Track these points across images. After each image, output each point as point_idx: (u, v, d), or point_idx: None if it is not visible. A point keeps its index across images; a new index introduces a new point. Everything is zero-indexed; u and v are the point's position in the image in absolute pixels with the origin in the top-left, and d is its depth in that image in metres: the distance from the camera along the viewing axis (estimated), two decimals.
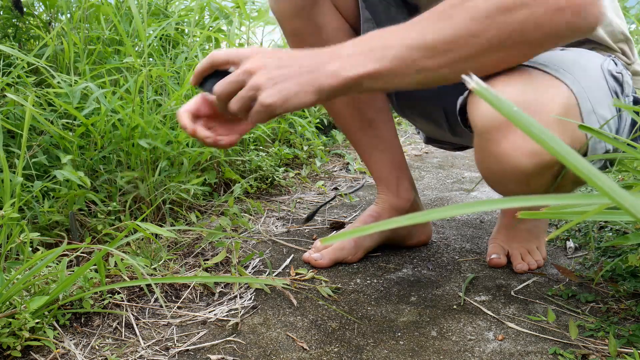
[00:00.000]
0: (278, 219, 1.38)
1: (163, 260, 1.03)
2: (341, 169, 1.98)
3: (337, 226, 1.33)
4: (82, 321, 0.86)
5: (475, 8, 0.67)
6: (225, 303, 0.93)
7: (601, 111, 0.79)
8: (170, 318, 0.88)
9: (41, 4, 1.50)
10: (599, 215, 0.37)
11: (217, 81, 0.74)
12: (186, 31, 1.82)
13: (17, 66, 1.18)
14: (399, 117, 2.76)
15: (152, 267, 1.00)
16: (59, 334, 0.81)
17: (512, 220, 1.12)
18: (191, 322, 0.87)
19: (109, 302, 0.90)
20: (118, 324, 0.86)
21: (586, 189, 1.34)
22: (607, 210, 0.36)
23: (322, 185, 1.71)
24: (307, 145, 1.97)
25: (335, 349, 0.80)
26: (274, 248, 1.19)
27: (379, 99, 1.13)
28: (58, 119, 1.15)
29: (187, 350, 0.80)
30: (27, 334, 0.74)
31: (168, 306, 0.92)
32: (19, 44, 1.44)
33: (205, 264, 1.04)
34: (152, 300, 0.93)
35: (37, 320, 0.77)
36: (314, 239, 1.24)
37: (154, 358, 0.77)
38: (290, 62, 0.71)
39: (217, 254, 1.11)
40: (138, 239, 1.07)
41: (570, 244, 1.18)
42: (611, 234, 1.19)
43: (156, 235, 1.10)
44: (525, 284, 1.01)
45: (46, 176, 1.11)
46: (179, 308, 0.92)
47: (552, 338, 0.82)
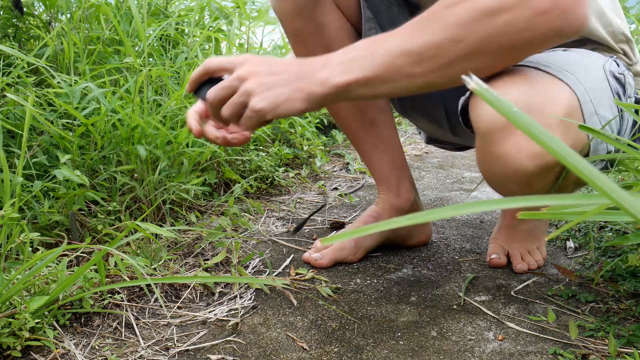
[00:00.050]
0: (278, 219, 1.38)
1: (163, 260, 1.03)
2: (341, 169, 1.98)
3: (337, 226, 1.33)
4: (82, 321, 0.86)
5: (460, 13, 0.67)
6: (225, 303, 0.93)
7: (603, 112, 0.79)
8: (170, 318, 0.88)
9: (41, 4, 1.50)
10: (599, 215, 0.37)
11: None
12: (186, 31, 1.82)
13: (17, 66, 1.18)
14: (398, 117, 2.76)
15: (152, 267, 1.00)
16: (59, 334, 0.81)
17: (513, 220, 1.12)
18: (191, 322, 0.87)
19: (109, 302, 0.90)
20: (118, 324, 0.86)
21: (587, 189, 1.34)
22: (607, 210, 0.36)
23: (322, 185, 1.71)
24: (307, 145, 1.97)
25: (335, 349, 0.80)
26: (274, 248, 1.19)
27: None
28: (58, 119, 1.15)
29: (187, 350, 0.80)
30: (27, 334, 0.74)
31: (168, 306, 0.92)
32: (19, 44, 1.44)
33: (205, 264, 1.04)
34: (152, 300, 0.93)
35: (37, 320, 0.77)
36: (314, 239, 1.24)
37: (154, 358, 0.77)
38: (281, 69, 0.73)
39: (217, 254, 1.11)
40: (138, 239, 1.07)
41: (570, 244, 1.18)
42: (611, 234, 1.19)
43: (156, 235, 1.10)
44: (525, 284, 1.01)
45: (46, 176, 1.11)
46: (179, 308, 0.92)
47: (552, 338, 0.82)
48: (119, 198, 1.18)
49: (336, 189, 1.71)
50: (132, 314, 0.88)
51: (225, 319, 0.88)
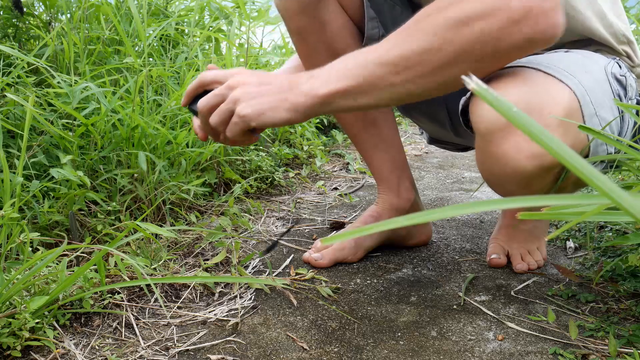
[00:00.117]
0: (278, 219, 1.38)
1: (163, 260, 1.03)
2: (341, 169, 1.98)
3: (337, 226, 1.33)
4: (82, 321, 0.86)
5: (437, 23, 0.68)
6: (225, 303, 0.93)
7: (604, 114, 0.79)
8: (170, 318, 0.88)
9: (41, 4, 1.50)
10: (599, 215, 0.37)
11: None
12: (186, 31, 1.82)
13: (17, 66, 1.18)
14: (399, 117, 2.76)
15: (152, 267, 1.00)
16: (59, 334, 0.81)
17: (513, 220, 1.12)
18: (191, 322, 0.87)
19: (109, 302, 0.90)
20: (118, 324, 0.86)
21: (587, 190, 1.34)
22: (606, 210, 0.36)
23: (322, 185, 1.71)
24: (307, 145, 1.97)
25: (335, 349, 0.80)
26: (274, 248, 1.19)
27: None
28: (58, 119, 1.15)
29: (187, 350, 0.80)
30: (27, 334, 0.74)
31: (168, 306, 0.92)
32: (19, 44, 1.44)
33: (205, 264, 1.04)
34: (152, 300, 0.93)
35: (37, 320, 0.77)
36: (314, 239, 1.24)
37: (154, 358, 0.77)
38: (270, 81, 0.76)
39: (217, 254, 1.11)
40: (138, 239, 1.07)
41: (570, 244, 1.18)
42: (611, 234, 1.19)
43: (156, 235, 1.10)
44: (525, 284, 1.01)
45: (45, 176, 1.11)
46: (179, 308, 0.92)
47: (552, 338, 0.82)
48: (119, 198, 1.18)
49: (336, 188, 1.71)
50: (132, 314, 0.89)
51: (225, 319, 0.88)
